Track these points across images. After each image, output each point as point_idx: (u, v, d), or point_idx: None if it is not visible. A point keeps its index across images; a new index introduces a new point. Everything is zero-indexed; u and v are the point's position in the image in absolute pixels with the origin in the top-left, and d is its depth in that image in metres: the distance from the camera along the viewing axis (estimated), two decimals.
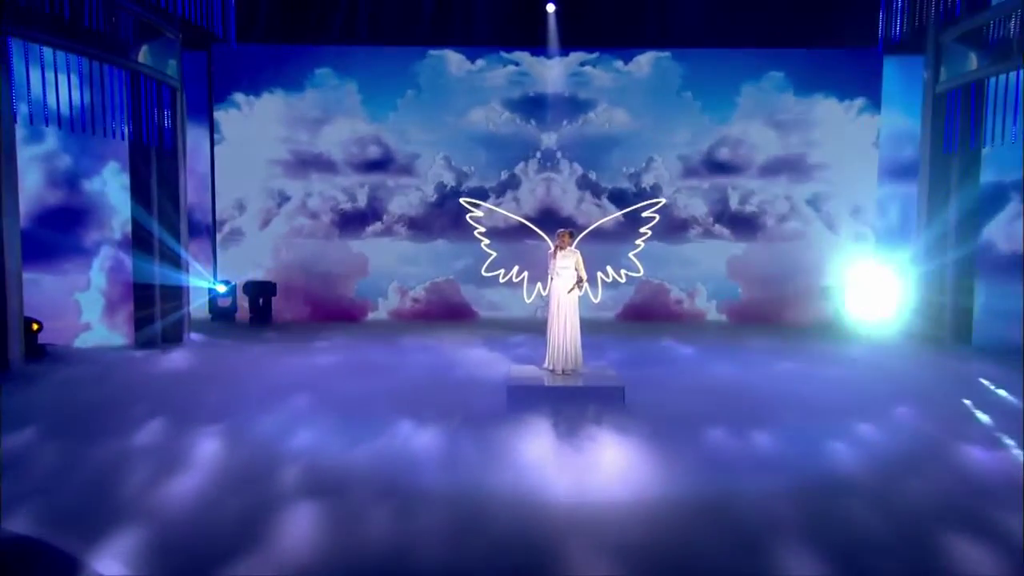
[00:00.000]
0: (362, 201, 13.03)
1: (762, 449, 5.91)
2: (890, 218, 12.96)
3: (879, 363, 9.19)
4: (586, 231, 8.74)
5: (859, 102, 12.91)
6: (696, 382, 8.03)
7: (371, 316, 13.03)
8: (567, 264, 7.57)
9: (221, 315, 12.33)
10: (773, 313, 12.97)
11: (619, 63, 12.98)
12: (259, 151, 12.94)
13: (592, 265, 8.38)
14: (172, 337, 9.91)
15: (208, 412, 6.61)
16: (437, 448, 5.83)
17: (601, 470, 5.36)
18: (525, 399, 6.96)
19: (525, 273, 8.76)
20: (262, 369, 8.52)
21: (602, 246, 9.50)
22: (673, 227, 12.91)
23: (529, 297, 8.83)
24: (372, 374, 8.15)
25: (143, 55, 8.96)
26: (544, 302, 7.61)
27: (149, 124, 9.12)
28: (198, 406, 6.80)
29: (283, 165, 13.05)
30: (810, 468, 5.45)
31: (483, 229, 8.76)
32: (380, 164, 12.92)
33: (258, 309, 12.31)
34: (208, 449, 5.75)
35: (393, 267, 13.06)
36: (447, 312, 13.04)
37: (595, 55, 12.88)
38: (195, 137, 12.19)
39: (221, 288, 12.45)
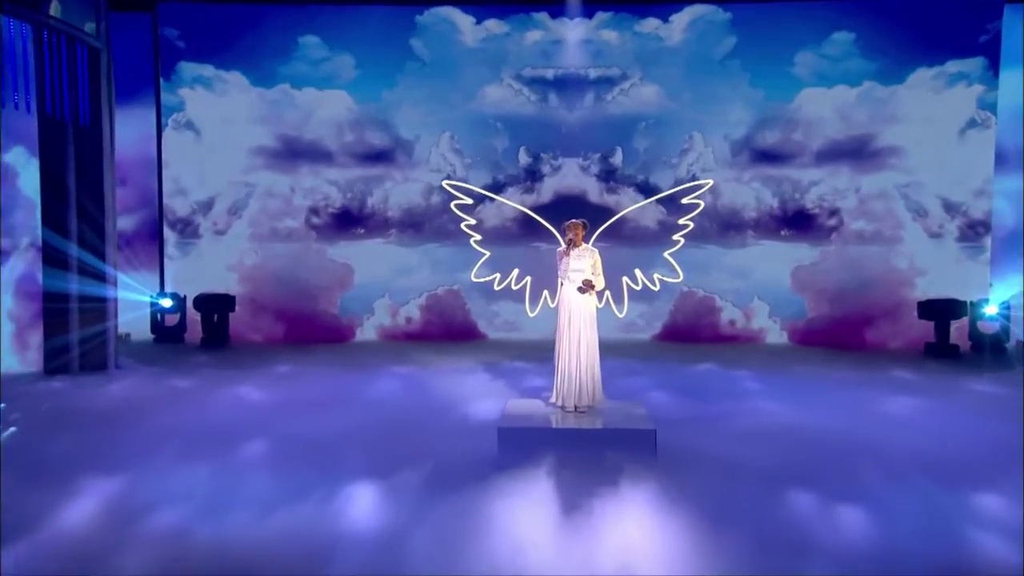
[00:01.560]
0: (347, 198, 12.47)
1: (855, 529, 4.66)
2: (1008, 216, 11.86)
3: None
4: (608, 222, 7.99)
5: (964, 66, 11.83)
6: (757, 424, 6.96)
7: (358, 337, 12.47)
8: (581, 266, 6.62)
9: (166, 336, 11.75)
10: (851, 334, 12.07)
11: (651, 23, 12.26)
12: (221, 137, 12.36)
13: (616, 270, 7.67)
14: (93, 363, 9.00)
15: (81, 465, 5.65)
16: (382, 520, 4.73)
17: (620, 552, 4.33)
18: (522, 446, 6.01)
19: (528, 279, 7.94)
20: (192, 405, 7.68)
21: (630, 247, 8.97)
22: (722, 227, 12.27)
23: (533, 310, 8.01)
24: (332, 411, 7.29)
25: (55, 8, 7.80)
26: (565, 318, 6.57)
27: (60, 94, 7.97)
28: (72, 457, 5.83)
29: (250, 154, 12.45)
30: (932, 564, 4.19)
31: (472, 221, 8.04)
32: (370, 153, 12.42)
33: (212, 328, 11.61)
34: (51, 515, 4.72)
35: (384, 277, 12.50)
36: (448, 332, 12.43)
37: (622, 15, 12.25)
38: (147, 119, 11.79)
39: (165, 303, 11.77)
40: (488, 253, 8.32)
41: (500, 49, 12.27)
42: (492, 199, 9.76)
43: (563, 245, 6.73)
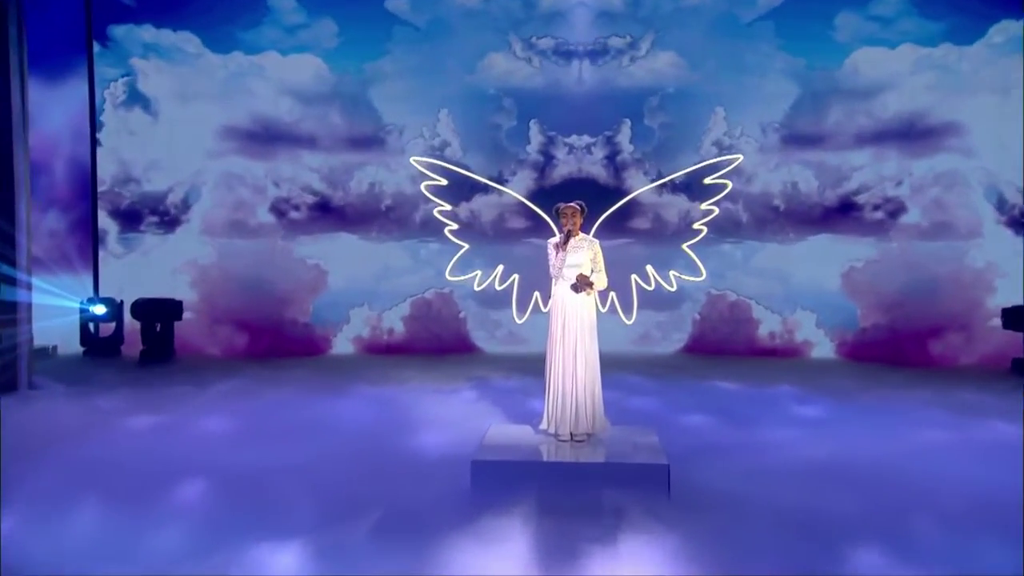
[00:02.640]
0: (322, 187, 12.36)
1: None
2: None
3: None
4: (614, 207, 7.86)
5: None
6: (798, 460, 6.44)
7: (333, 349, 12.35)
8: (578, 260, 6.28)
9: (100, 348, 11.54)
10: (914, 348, 11.71)
11: None
12: (174, 114, 12.32)
13: (624, 267, 7.54)
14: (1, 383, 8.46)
15: None
16: None
17: None
18: (502, 484, 5.62)
19: (515, 277, 7.57)
20: (110, 434, 7.24)
21: (643, 241, 9.48)
22: (756, 219, 12.08)
23: (521, 315, 7.64)
24: (284, 442, 6.89)
25: None
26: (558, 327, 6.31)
27: None
28: None
29: (208, 135, 12.35)
30: None
31: (447, 207, 7.91)
32: (350, 134, 12.30)
33: (154, 339, 11.33)
34: None
35: (363, 279, 12.38)
36: (438, 344, 12.27)
37: None
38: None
39: (98, 309, 11.54)
40: (466, 246, 8.01)
41: (506, 11, 12.06)
42: (479, 182, 9.82)
43: (557, 237, 6.38)
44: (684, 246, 7.99)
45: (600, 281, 6.31)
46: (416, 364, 11.03)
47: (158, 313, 11.51)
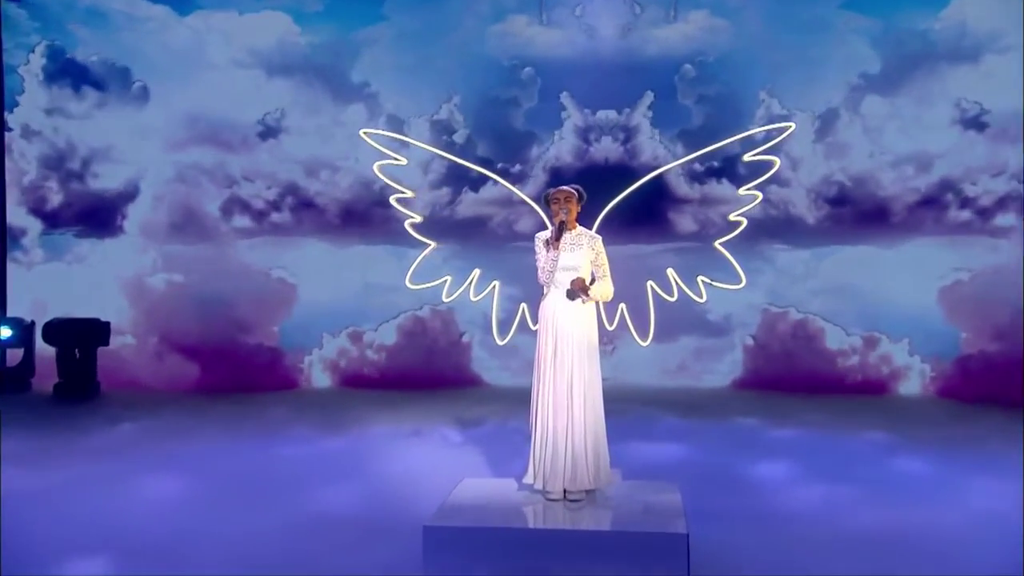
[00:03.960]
0: (290, 182, 12.36)
1: None
2: None
3: None
4: (624, 193, 8.13)
5: None
6: (878, 530, 6.21)
7: (307, 383, 12.38)
8: (575, 262, 6.03)
9: (4, 381, 11.58)
10: None
11: None
12: (113, 92, 12.58)
13: (638, 273, 7.85)
14: None
15: None
16: None
17: None
18: (463, 557, 5.36)
19: (494, 284, 7.99)
20: None
21: (663, 241, 9.27)
22: (825, 218, 11.91)
23: (503, 335, 8.13)
24: (210, 504, 6.89)
25: None
26: (549, 346, 6.13)
27: None
28: None
29: (150, 117, 12.40)
30: None
31: (408, 194, 8.16)
32: (327, 115, 12.32)
33: (72, 369, 11.31)
34: None
35: (341, 293, 12.28)
36: (432, 375, 12.11)
37: None
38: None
39: (2, 332, 11.57)
40: (433, 244, 8.16)
41: None
42: (467, 169, 9.96)
43: (549, 231, 6.12)
44: (717, 244, 7.85)
45: (604, 290, 6.06)
46: (402, 400, 11.03)
47: (78, 336, 11.46)
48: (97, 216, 12.27)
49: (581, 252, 6.04)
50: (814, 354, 11.96)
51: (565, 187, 6.11)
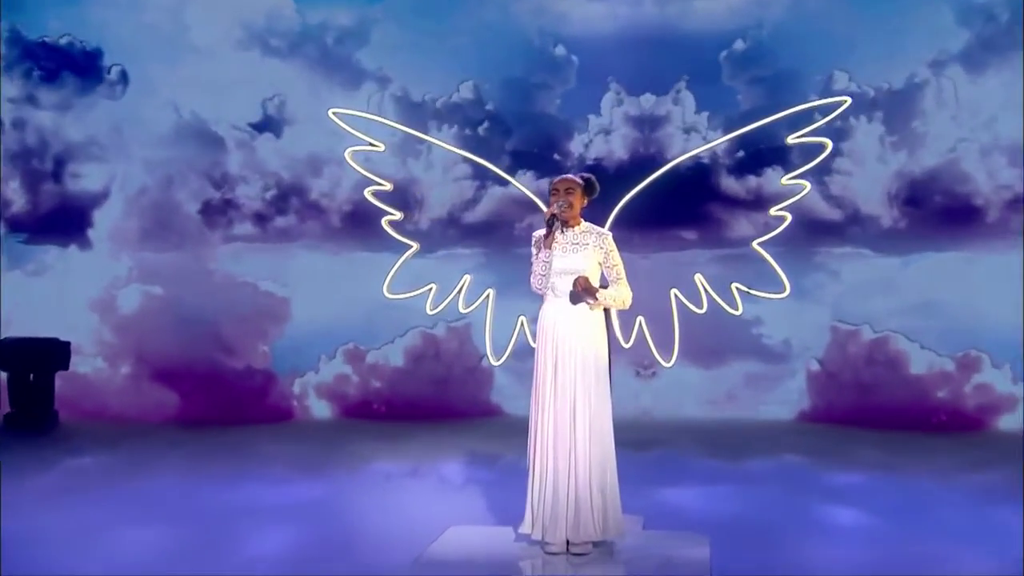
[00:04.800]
0: (281, 180, 12.27)
1: None
2: None
3: None
4: (643, 184, 7.86)
5: None
6: None
7: (300, 412, 12.27)
8: (577, 265, 6.01)
9: None
10: None
11: None
12: (78, 74, 12.51)
13: (660, 278, 7.86)
14: None
15: None
16: None
17: None
18: None
19: (488, 293, 7.82)
20: None
21: (696, 246, 9.60)
22: (903, 219, 11.67)
23: (498, 356, 8.15)
24: (160, 555, 6.84)
25: None
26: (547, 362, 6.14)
27: None
28: None
29: (124, 109, 12.35)
30: None
31: (387, 186, 8.33)
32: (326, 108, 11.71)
33: (25, 397, 11.29)
34: None
35: (341, 310, 12.05)
36: (443, 404, 12.04)
37: None
38: None
39: None
40: (415, 246, 8.15)
41: None
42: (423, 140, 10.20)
43: (546, 226, 6.08)
44: (755, 244, 7.66)
45: (619, 295, 6.03)
46: (406, 433, 10.91)
47: (33, 359, 11.45)
48: (63, 220, 12.31)
49: (585, 253, 5.95)
50: (895, 381, 11.63)
51: (569, 176, 6.07)
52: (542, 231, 6.04)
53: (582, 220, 6.04)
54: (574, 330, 5.91)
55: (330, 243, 12.20)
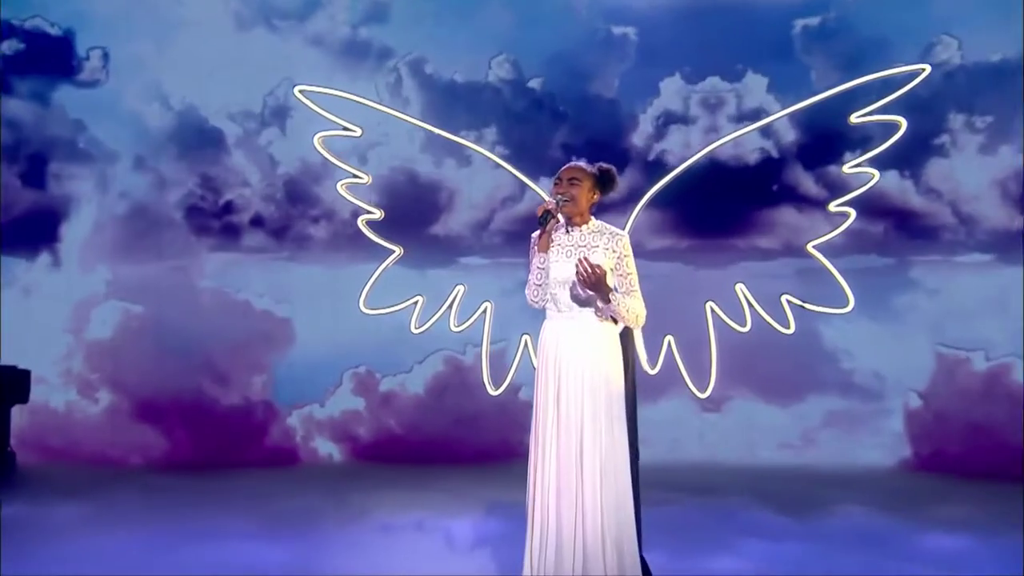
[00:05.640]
0: (279, 187, 12.22)
1: None
2: None
3: None
4: (670, 176, 8.20)
5: None
6: None
7: (303, 453, 12.13)
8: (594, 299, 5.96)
9: None
10: None
11: None
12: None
13: (692, 291, 8.33)
14: None
15: None
16: None
17: None
18: None
19: (486, 307, 8.03)
20: None
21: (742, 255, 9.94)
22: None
23: (497, 385, 8.45)
24: None
25: None
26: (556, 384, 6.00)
27: None
28: None
29: (92, 102, 12.31)
30: None
31: (364, 179, 8.68)
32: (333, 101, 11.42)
33: None
34: None
35: (351, 332, 11.81)
36: (469, 443, 11.89)
37: None
38: None
39: None
40: (399, 250, 8.30)
41: None
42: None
43: (545, 224, 5.89)
44: (809, 246, 7.65)
45: (634, 307, 5.83)
46: (421, 479, 10.87)
47: None
48: (28, 227, 12.26)
49: (595, 257, 5.75)
50: (1015, 420, 11.15)
51: (577, 163, 5.95)
52: (539, 233, 5.88)
53: (592, 218, 5.88)
54: (580, 351, 5.69)
55: (338, 253, 12.01)
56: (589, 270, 5.59)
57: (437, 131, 10.68)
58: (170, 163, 12.16)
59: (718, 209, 11.10)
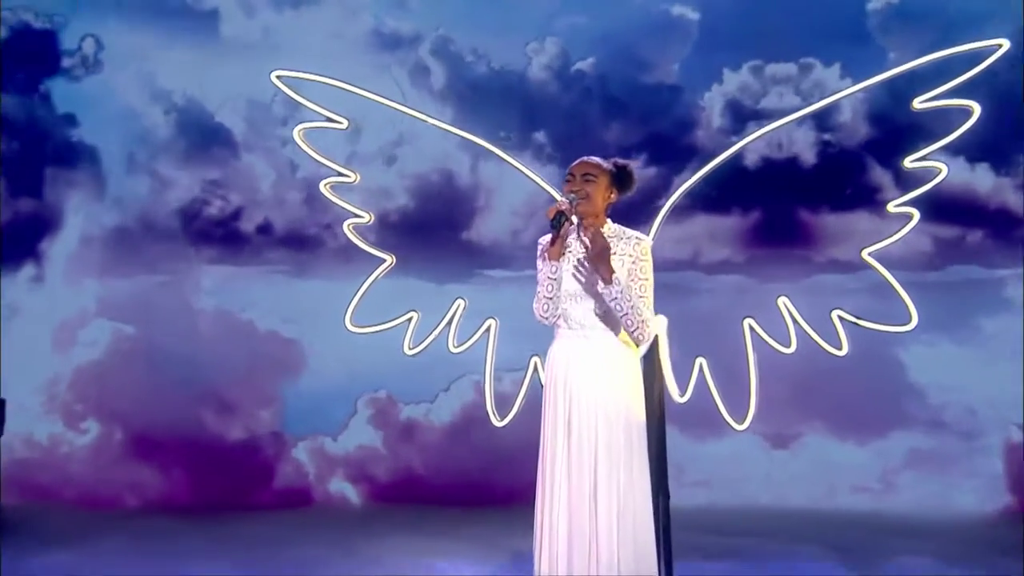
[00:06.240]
0: (288, 191, 12.10)
1: None
2: None
3: None
4: (704, 171, 7.64)
5: None
6: None
7: (317, 494, 11.94)
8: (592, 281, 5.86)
9: None
10: None
11: None
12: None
13: (725, 305, 8.99)
14: None
15: None
16: None
17: None
18: None
19: (490, 324, 8.09)
20: None
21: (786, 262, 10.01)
22: None
23: (500, 415, 8.23)
24: None
25: None
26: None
27: None
28: None
29: (83, 96, 12.23)
30: None
31: (350, 177, 8.64)
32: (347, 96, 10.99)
33: None
34: None
35: (368, 355, 11.27)
36: (499, 482, 11.63)
37: None
38: None
39: None
40: (390, 259, 8.34)
41: None
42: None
43: (558, 229, 5.79)
44: (865, 253, 7.42)
45: (639, 310, 5.68)
46: (444, 524, 10.59)
47: None
48: (8, 236, 12.18)
49: (614, 263, 5.65)
50: None
51: (590, 158, 5.86)
52: (548, 237, 5.83)
53: (608, 220, 5.79)
54: (595, 374, 5.58)
55: (352, 266, 11.19)
56: (599, 246, 5.51)
57: (456, 130, 10.21)
58: (168, 164, 12.00)
59: (765, 211, 10.91)
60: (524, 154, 11.65)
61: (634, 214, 7.70)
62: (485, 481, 11.64)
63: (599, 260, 5.55)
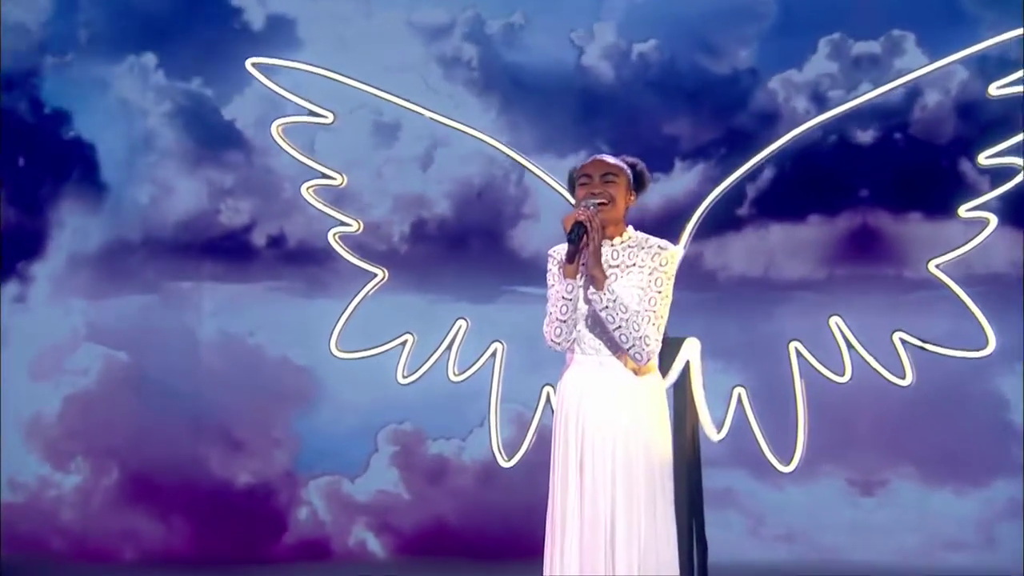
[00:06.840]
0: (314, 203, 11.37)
1: None
2: None
3: None
4: (742, 171, 7.75)
5: None
6: None
7: (336, 546, 11.73)
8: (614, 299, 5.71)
9: None
10: None
11: None
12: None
13: (771, 325, 8.62)
14: None
15: None
16: None
17: None
18: None
19: (496, 349, 8.39)
20: None
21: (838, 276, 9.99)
22: None
23: (507, 457, 8.81)
24: None
25: None
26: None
27: None
28: None
29: (75, 91, 12.27)
30: None
31: (336, 179, 8.84)
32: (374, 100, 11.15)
33: None
34: None
35: (391, 386, 10.66)
36: (540, 531, 11.63)
37: None
38: None
39: None
40: (383, 274, 8.56)
41: None
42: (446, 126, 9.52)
43: (575, 238, 5.66)
44: (931, 264, 7.33)
45: (635, 324, 5.53)
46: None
47: None
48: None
49: (631, 279, 5.54)
50: None
51: (604, 157, 5.74)
52: (562, 248, 5.59)
53: (628, 227, 5.63)
54: (612, 407, 5.42)
55: (382, 288, 11.16)
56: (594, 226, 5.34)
57: (473, 132, 10.11)
58: (168, 168, 11.83)
59: (818, 216, 10.54)
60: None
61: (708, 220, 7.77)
62: (526, 530, 11.54)
63: (592, 258, 5.42)
